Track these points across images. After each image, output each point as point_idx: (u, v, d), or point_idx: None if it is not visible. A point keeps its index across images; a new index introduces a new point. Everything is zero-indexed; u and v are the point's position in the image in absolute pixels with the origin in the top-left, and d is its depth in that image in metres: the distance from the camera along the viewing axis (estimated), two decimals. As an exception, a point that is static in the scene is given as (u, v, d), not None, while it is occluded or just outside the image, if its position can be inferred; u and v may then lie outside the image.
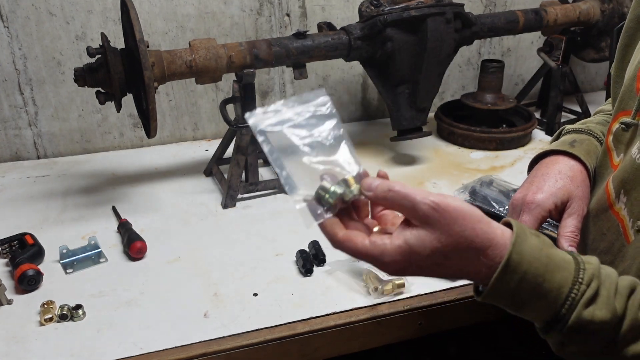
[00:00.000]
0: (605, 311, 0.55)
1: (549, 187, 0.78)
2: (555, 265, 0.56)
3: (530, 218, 0.77)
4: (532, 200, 0.77)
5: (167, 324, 0.92)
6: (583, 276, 0.56)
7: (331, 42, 1.33)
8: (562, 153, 0.82)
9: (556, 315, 0.57)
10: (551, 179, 0.79)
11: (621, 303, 0.56)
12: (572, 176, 0.78)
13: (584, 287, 0.56)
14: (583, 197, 0.77)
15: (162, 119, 1.63)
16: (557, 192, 0.77)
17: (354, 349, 0.96)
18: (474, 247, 0.56)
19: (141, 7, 1.50)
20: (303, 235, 1.14)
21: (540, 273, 0.56)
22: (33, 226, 1.21)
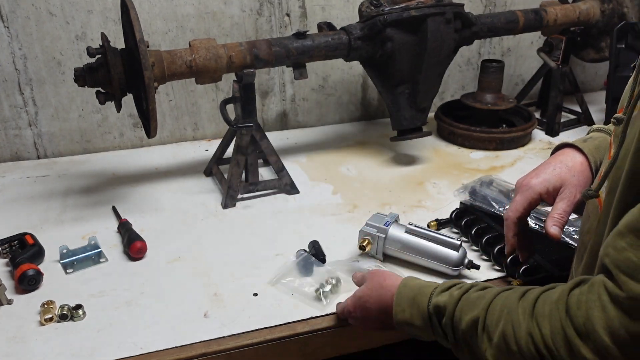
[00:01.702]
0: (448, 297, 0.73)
1: (545, 174, 0.85)
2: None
3: (520, 198, 0.86)
4: (527, 184, 0.86)
5: (167, 324, 0.92)
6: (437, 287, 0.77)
7: (331, 42, 1.33)
8: (572, 146, 0.88)
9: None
10: (550, 167, 0.86)
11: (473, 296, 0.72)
12: (571, 166, 0.85)
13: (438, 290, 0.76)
14: (577, 185, 0.83)
15: (162, 119, 1.64)
16: (551, 178, 0.84)
17: (354, 349, 0.96)
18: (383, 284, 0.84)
19: (141, 7, 1.50)
20: (303, 235, 1.14)
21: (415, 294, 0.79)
22: (33, 226, 1.21)
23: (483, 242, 1.07)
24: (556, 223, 0.82)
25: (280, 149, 1.57)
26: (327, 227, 1.20)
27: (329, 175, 1.45)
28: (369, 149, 1.61)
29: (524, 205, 0.86)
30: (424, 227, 1.07)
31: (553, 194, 0.85)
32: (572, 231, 1.07)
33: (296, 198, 1.34)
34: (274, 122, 1.78)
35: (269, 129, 1.75)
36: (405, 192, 1.36)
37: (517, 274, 0.99)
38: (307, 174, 1.46)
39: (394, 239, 1.05)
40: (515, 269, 1.00)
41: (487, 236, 1.08)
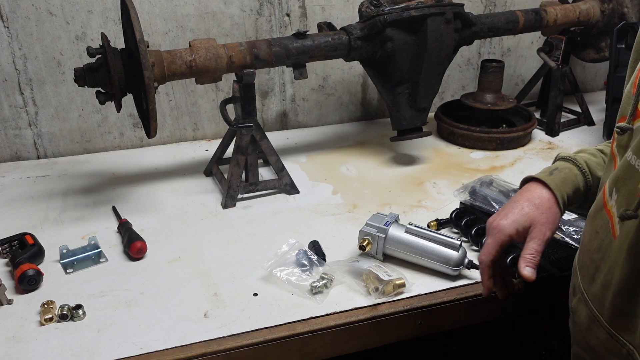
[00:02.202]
0: None
1: (514, 214, 0.86)
2: None
3: (492, 241, 0.87)
4: (497, 226, 0.87)
5: (167, 324, 0.92)
6: None
7: (331, 42, 1.33)
8: (539, 181, 0.89)
9: None
10: (518, 207, 0.87)
11: None
12: (538, 204, 0.86)
13: None
14: (546, 223, 0.85)
15: (162, 119, 1.64)
16: (519, 218, 0.85)
17: (354, 349, 0.96)
18: None
19: (141, 7, 1.50)
20: (303, 235, 1.14)
21: None
22: (33, 226, 1.21)
23: (483, 242, 1.07)
24: (529, 264, 0.84)
25: (280, 149, 1.57)
26: (327, 227, 1.20)
27: (329, 175, 1.45)
28: (369, 149, 1.61)
29: (495, 248, 0.87)
30: (424, 227, 1.07)
31: (523, 234, 0.86)
32: (572, 231, 1.07)
33: (296, 198, 1.34)
34: (274, 122, 1.78)
35: (269, 129, 1.75)
36: (405, 192, 1.36)
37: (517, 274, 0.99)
38: (307, 174, 1.46)
39: (394, 239, 1.05)
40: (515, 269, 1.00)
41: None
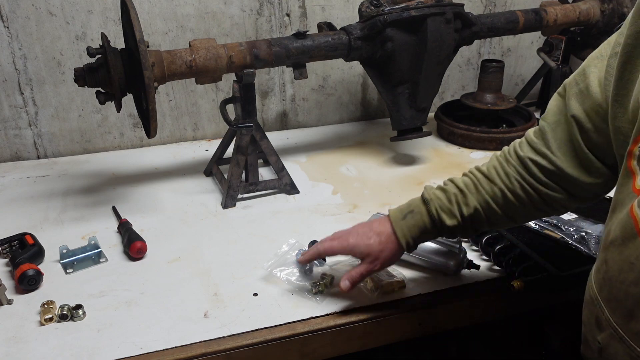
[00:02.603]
0: None
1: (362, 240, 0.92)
2: None
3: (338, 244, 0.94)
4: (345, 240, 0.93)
5: (167, 324, 0.92)
6: None
7: (331, 42, 1.33)
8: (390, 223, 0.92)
9: None
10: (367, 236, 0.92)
11: None
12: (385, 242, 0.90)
13: None
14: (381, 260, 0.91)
15: (162, 119, 1.64)
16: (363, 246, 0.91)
17: (354, 349, 0.96)
18: None
19: (141, 7, 1.50)
20: (303, 235, 1.14)
21: None
22: (33, 226, 1.21)
23: (483, 242, 1.07)
24: (349, 279, 0.91)
25: (280, 149, 1.57)
26: (327, 227, 1.19)
27: (329, 175, 1.45)
28: (369, 149, 1.61)
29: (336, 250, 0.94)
30: (424, 227, 1.06)
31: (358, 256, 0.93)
32: (572, 231, 1.07)
33: (296, 198, 1.34)
34: (274, 122, 1.78)
35: (269, 129, 1.75)
36: (405, 192, 1.36)
37: (517, 274, 0.99)
38: (307, 174, 1.46)
39: (394, 239, 1.05)
40: (515, 269, 1.00)
41: (487, 236, 1.08)
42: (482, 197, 0.87)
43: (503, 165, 0.87)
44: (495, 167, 0.88)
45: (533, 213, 0.88)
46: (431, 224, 0.89)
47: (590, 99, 0.76)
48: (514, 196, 0.85)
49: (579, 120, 0.77)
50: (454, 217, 0.88)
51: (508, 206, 0.86)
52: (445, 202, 0.89)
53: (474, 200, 0.87)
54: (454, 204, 0.88)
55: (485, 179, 0.88)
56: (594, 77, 0.75)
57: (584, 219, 1.11)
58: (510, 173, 0.85)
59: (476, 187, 0.88)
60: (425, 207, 0.90)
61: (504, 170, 0.86)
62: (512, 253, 1.02)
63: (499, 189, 0.86)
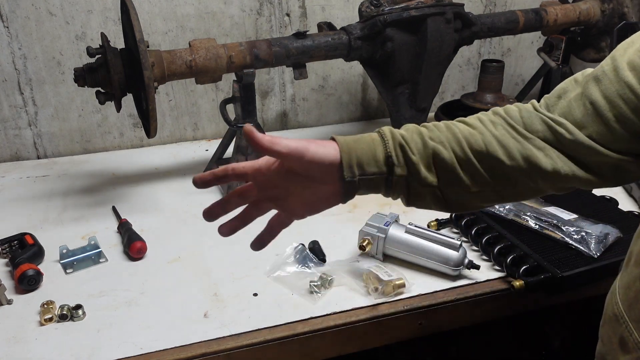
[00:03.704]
0: None
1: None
2: None
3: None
4: None
5: (167, 324, 0.92)
6: None
7: (331, 42, 1.33)
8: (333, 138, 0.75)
9: None
10: None
11: None
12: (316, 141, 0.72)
13: None
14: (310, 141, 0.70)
15: (162, 119, 1.63)
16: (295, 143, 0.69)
17: (354, 349, 0.96)
18: None
19: (141, 7, 1.50)
20: (303, 235, 1.14)
21: None
22: (33, 226, 1.21)
23: (483, 242, 1.07)
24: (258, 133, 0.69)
25: (280, 149, 1.56)
26: (327, 227, 1.20)
27: (329, 175, 1.45)
28: (369, 149, 1.61)
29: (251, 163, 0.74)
30: (424, 227, 1.07)
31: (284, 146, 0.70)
32: (572, 231, 1.07)
33: (296, 198, 1.34)
34: (274, 122, 1.77)
35: (269, 129, 1.75)
36: (405, 192, 1.35)
37: (518, 274, 0.99)
38: (307, 174, 1.46)
39: (394, 239, 1.05)
40: (515, 269, 1.00)
41: (487, 236, 1.08)
42: (454, 136, 0.70)
43: (488, 115, 0.74)
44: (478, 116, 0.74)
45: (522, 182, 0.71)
46: (383, 147, 0.70)
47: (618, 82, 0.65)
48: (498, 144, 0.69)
49: (598, 107, 0.66)
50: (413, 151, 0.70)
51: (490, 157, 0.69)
52: (402, 130, 0.72)
53: (442, 137, 0.71)
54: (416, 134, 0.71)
55: (462, 124, 0.73)
56: (623, 60, 0.65)
57: (584, 219, 1.11)
58: (497, 120, 0.72)
59: (447, 127, 0.72)
60: (377, 133, 0.73)
61: (489, 117, 0.73)
62: (512, 253, 1.03)
63: (479, 132, 0.70)
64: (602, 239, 1.05)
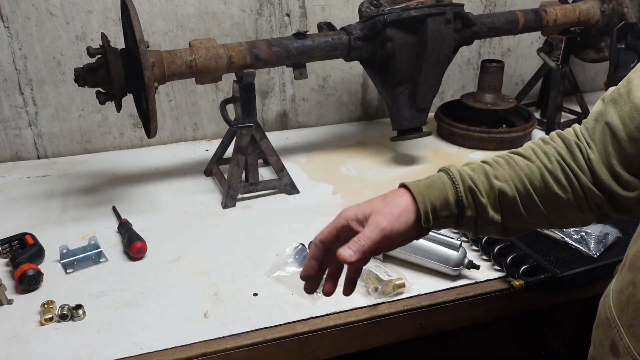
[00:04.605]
0: None
1: (360, 204, 0.76)
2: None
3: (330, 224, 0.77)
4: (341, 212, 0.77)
5: (167, 324, 0.92)
6: None
7: (331, 42, 1.33)
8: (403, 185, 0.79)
9: None
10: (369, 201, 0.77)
11: None
12: (387, 196, 0.76)
13: None
14: (387, 214, 0.73)
15: (162, 119, 1.63)
16: (361, 205, 0.76)
17: (354, 349, 0.96)
18: None
19: (141, 7, 1.50)
20: (303, 235, 1.14)
21: None
22: (33, 226, 1.21)
23: (483, 242, 1.07)
24: (351, 246, 0.70)
25: (280, 149, 1.57)
26: (327, 227, 1.20)
27: (329, 175, 1.45)
28: (369, 149, 1.61)
29: (329, 229, 0.76)
30: (424, 227, 1.06)
31: (362, 221, 0.74)
32: (572, 231, 1.08)
33: (296, 198, 1.34)
34: (274, 122, 1.77)
35: (269, 129, 1.75)
36: (405, 192, 1.36)
37: (518, 274, 0.99)
38: (307, 174, 1.46)
39: (394, 239, 1.05)
40: (515, 269, 1.00)
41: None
42: (516, 174, 0.75)
43: (540, 145, 0.78)
44: (531, 146, 0.78)
45: (573, 212, 0.76)
46: (453, 188, 0.75)
47: (629, 103, 0.70)
48: (554, 179, 0.74)
49: (613, 127, 0.71)
50: (478, 187, 0.75)
51: (547, 192, 0.75)
52: (468, 169, 0.77)
53: (507, 175, 0.75)
54: (481, 174, 0.76)
55: (519, 157, 0.77)
56: (638, 82, 0.70)
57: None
58: (550, 152, 0.76)
59: (509, 163, 0.77)
60: (446, 175, 0.77)
61: (542, 149, 0.77)
62: (512, 253, 1.03)
63: (536, 167, 0.75)
64: (602, 239, 1.05)
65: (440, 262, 1.02)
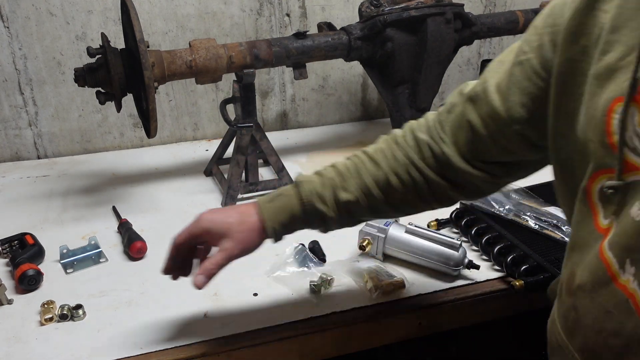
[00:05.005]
0: None
1: (220, 216, 0.82)
2: None
3: (189, 226, 0.84)
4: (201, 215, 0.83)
5: (167, 324, 0.92)
6: None
7: (331, 42, 1.33)
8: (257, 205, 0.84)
9: None
10: (229, 213, 0.83)
11: None
12: (242, 213, 0.82)
13: None
14: (237, 240, 0.80)
15: (162, 119, 1.64)
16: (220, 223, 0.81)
17: (354, 349, 0.96)
18: None
19: (141, 7, 1.50)
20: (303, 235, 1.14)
21: None
22: (33, 226, 1.21)
23: (483, 242, 1.07)
24: (204, 272, 0.80)
25: (280, 149, 1.57)
26: (327, 227, 1.20)
27: (329, 175, 1.45)
28: (369, 149, 1.61)
29: (186, 236, 0.83)
30: (424, 227, 1.07)
31: (215, 237, 0.82)
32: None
33: (296, 198, 1.34)
34: (274, 122, 1.78)
35: (269, 129, 1.75)
36: (405, 192, 1.36)
37: (518, 274, 0.99)
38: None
39: (394, 239, 1.05)
40: (515, 269, 1.00)
41: (487, 236, 1.08)
42: (364, 182, 0.81)
43: (392, 147, 0.82)
44: (382, 149, 0.83)
45: (416, 202, 0.83)
46: (301, 209, 0.81)
47: (487, 104, 0.73)
48: (398, 179, 0.80)
49: (474, 126, 0.75)
50: (325, 204, 0.81)
51: (390, 191, 0.81)
52: (318, 186, 0.82)
53: (354, 185, 0.81)
54: (328, 189, 0.81)
55: (370, 161, 0.82)
56: (493, 81, 0.72)
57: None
58: (399, 155, 0.81)
59: (358, 171, 0.82)
60: (295, 189, 0.82)
61: (392, 152, 0.82)
62: (512, 253, 1.02)
63: (383, 173, 0.81)
64: (602, 239, 1.05)
65: (440, 262, 1.02)
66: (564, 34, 0.63)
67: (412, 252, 1.04)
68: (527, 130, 0.71)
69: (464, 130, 0.76)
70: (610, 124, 0.56)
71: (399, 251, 1.05)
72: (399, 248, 1.05)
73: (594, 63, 0.59)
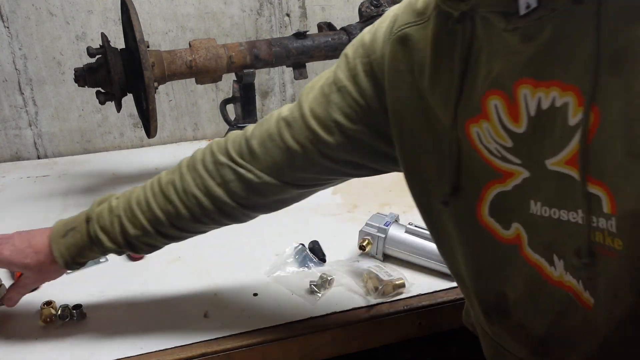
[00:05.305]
0: None
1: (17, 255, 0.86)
2: None
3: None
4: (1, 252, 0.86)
5: (167, 324, 0.92)
6: None
7: (331, 42, 1.33)
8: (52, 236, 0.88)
9: None
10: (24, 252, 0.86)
11: None
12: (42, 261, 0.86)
13: None
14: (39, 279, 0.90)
15: (162, 119, 1.64)
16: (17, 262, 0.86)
17: (354, 349, 0.96)
18: None
19: (141, 7, 1.50)
20: (303, 235, 1.14)
21: None
22: (33, 226, 1.20)
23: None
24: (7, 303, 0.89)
25: (280, 149, 1.57)
26: (327, 227, 1.20)
27: (329, 175, 1.45)
28: (369, 149, 1.61)
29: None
30: (424, 227, 1.06)
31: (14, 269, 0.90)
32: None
33: (296, 198, 1.34)
34: (274, 122, 1.78)
35: (269, 129, 1.75)
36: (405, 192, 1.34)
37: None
38: (307, 174, 1.46)
39: (394, 239, 1.05)
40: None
41: (487, 236, 1.07)
42: (154, 214, 0.81)
43: (186, 178, 0.81)
44: (174, 182, 0.82)
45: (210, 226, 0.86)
46: (91, 244, 0.84)
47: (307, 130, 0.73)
48: (188, 212, 0.80)
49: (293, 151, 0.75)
50: (114, 241, 0.83)
51: (181, 222, 0.82)
52: (107, 223, 0.83)
53: (144, 219, 0.81)
54: (116, 226, 0.82)
55: (161, 194, 0.82)
56: (306, 106, 0.74)
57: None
58: (191, 187, 0.80)
59: (148, 205, 0.82)
60: (86, 225, 0.84)
61: (184, 185, 0.81)
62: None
63: (173, 207, 0.81)
64: (602, 239, 1.05)
65: (440, 262, 1.02)
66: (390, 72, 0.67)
67: (412, 252, 1.04)
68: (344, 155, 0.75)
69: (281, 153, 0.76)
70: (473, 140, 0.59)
71: (399, 251, 1.05)
72: (399, 248, 1.05)
73: None
